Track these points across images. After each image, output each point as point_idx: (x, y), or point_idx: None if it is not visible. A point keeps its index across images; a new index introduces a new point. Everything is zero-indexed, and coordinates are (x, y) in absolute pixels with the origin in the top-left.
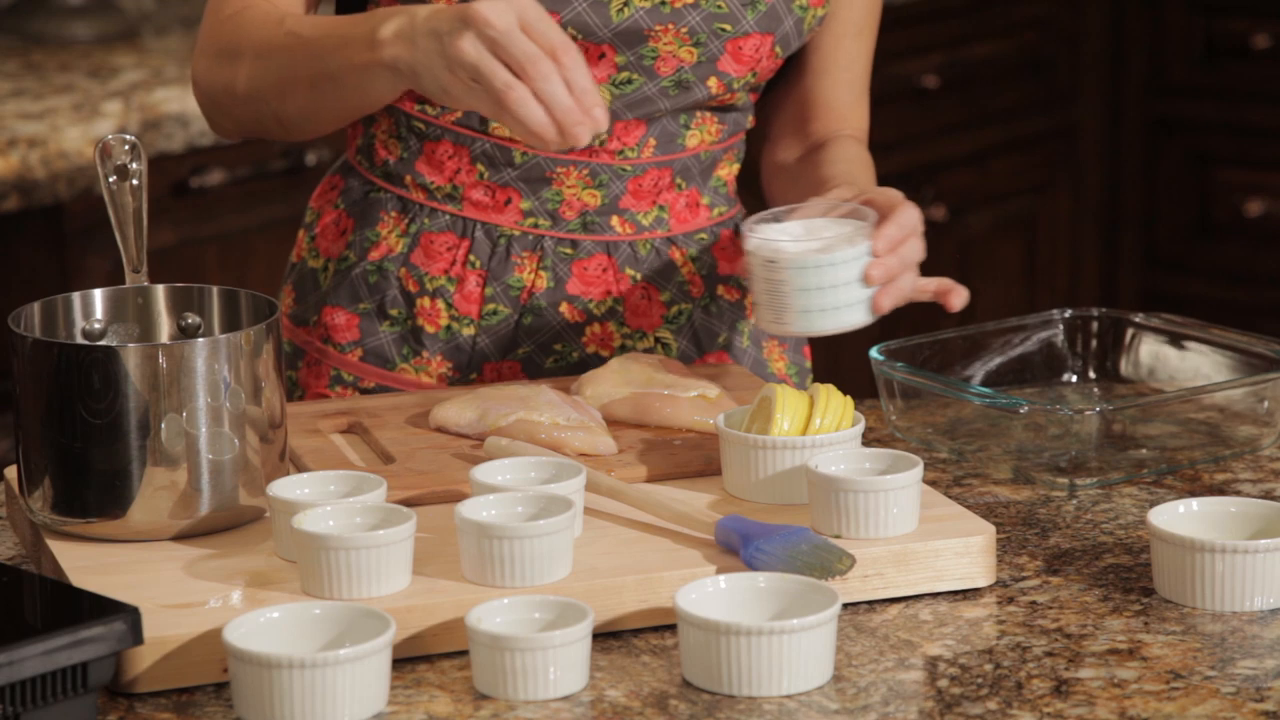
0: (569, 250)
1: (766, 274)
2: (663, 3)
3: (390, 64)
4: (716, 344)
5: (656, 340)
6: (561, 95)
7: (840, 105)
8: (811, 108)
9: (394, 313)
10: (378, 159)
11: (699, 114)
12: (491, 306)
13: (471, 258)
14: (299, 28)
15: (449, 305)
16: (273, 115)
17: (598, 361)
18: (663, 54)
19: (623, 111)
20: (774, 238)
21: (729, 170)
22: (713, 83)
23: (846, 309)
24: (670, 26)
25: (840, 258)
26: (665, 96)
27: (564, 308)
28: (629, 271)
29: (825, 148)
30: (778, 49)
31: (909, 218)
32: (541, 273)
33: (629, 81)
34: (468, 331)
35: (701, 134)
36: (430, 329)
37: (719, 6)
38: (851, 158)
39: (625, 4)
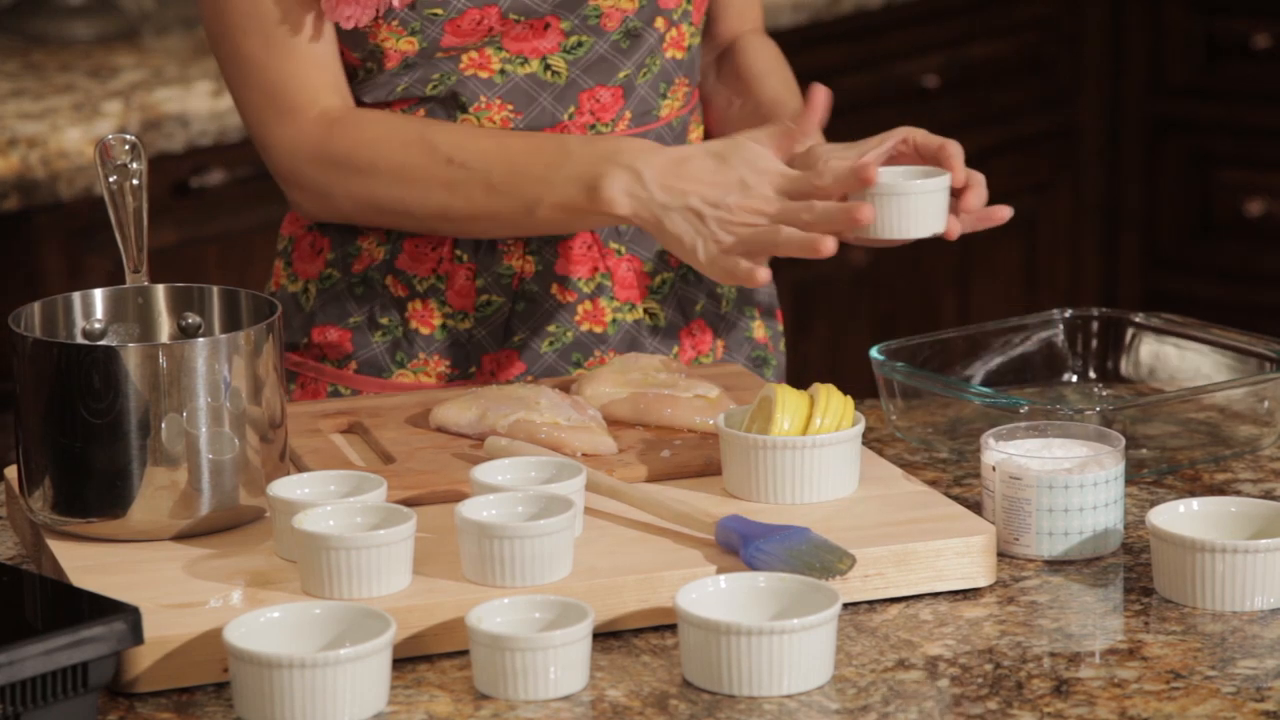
0: None
1: (1008, 491)
2: None
3: (629, 218)
4: (695, 312)
5: (645, 311)
6: (809, 215)
7: (738, 2)
8: (712, 11)
9: (384, 321)
10: None
11: (676, 80)
12: (485, 298)
13: (458, 252)
14: (465, 157)
15: (442, 303)
16: (423, 228)
17: (592, 339)
18: (605, 10)
19: (582, 78)
20: (1015, 453)
21: (697, 133)
22: (660, 23)
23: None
24: None
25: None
26: (619, 51)
27: (555, 289)
28: (613, 245)
29: (738, 53)
30: None
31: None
32: (529, 258)
33: (580, 45)
34: (464, 326)
35: (672, 102)
36: (424, 330)
37: None
38: (775, 68)
39: None
